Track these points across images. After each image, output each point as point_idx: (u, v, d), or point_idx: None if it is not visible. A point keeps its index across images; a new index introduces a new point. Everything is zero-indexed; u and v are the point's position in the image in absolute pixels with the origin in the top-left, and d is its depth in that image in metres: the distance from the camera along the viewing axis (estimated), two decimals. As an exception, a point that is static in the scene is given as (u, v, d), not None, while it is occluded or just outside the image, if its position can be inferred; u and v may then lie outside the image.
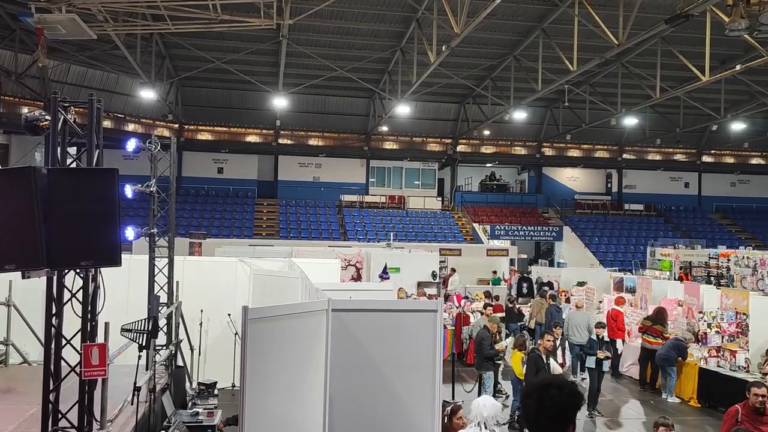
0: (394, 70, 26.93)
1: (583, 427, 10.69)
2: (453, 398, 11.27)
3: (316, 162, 35.25)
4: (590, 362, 11.43)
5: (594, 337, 11.82)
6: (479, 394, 10.00)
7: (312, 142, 34.70)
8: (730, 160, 38.54)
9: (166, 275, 9.33)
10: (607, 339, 12.03)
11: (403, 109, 28.66)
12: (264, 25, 17.94)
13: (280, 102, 29.44)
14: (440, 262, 22.83)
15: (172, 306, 9.31)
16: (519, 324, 16.72)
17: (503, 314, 16.16)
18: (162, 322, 8.62)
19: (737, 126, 31.81)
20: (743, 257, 22.28)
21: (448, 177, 37.82)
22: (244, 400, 4.40)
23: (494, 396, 10.77)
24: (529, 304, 18.87)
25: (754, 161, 38.55)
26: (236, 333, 10.25)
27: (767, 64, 20.49)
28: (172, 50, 26.48)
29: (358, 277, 18.35)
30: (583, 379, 12.60)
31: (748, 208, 38.76)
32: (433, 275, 19.14)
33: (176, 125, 32.41)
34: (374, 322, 5.39)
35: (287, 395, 4.87)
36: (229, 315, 10.84)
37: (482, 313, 14.82)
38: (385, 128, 33.98)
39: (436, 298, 13.08)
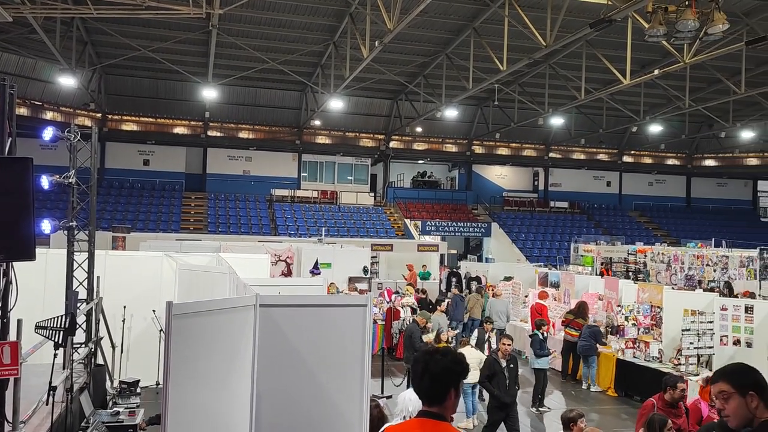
0: (327, 64, 26.79)
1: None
2: (382, 392, 11.37)
3: (247, 155, 34.68)
4: (542, 363, 11.66)
5: (540, 334, 12.02)
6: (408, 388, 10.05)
7: (242, 135, 34.08)
8: (648, 160, 40.41)
9: (86, 270, 8.96)
10: (544, 337, 12.24)
11: (336, 104, 28.59)
12: (193, 14, 17.46)
13: (209, 93, 28.77)
14: (372, 257, 22.93)
15: (92, 302, 8.95)
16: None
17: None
18: (81, 318, 8.27)
19: (655, 128, 33.41)
20: (658, 253, 23.41)
21: (381, 173, 38.00)
22: (167, 399, 4.27)
23: None
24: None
25: (669, 162, 40.57)
26: (161, 330, 9.97)
27: (683, 69, 21.60)
28: (95, 36, 25.40)
29: (288, 273, 18.19)
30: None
31: (664, 207, 40.78)
32: (365, 271, 19.20)
33: (99, 115, 31.14)
34: (303, 318, 5.35)
35: (213, 393, 4.77)
36: (153, 311, 10.53)
37: (413, 309, 14.99)
38: (317, 122, 33.78)
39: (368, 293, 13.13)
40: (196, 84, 28.86)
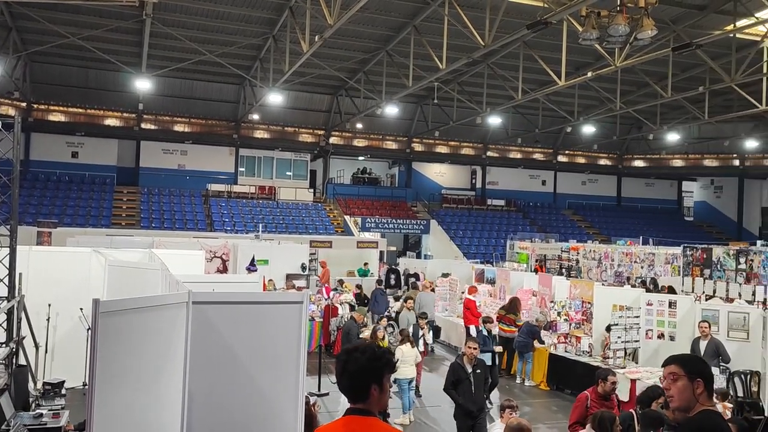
0: (266, 58, 26.40)
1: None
2: (319, 390, 11.31)
3: (182, 149, 33.78)
4: (485, 359, 11.72)
5: (484, 331, 12.19)
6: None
7: (178, 128, 33.18)
8: (581, 160, 41.66)
9: (7, 266, 8.52)
10: (489, 333, 12.42)
11: (275, 98, 28.21)
12: (126, 2, 16.86)
13: (143, 84, 27.87)
14: (311, 254, 22.77)
15: (13, 300, 8.52)
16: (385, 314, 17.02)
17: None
18: (1, 317, 7.86)
19: (588, 129, 34.50)
20: (590, 251, 24.19)
21: (321, 169, 37.76)
22: (92, 399, 4.10)
23: None
24: (399, 293, 19.30)
25: (601, 162, 41.95)
26: (89, 328, 9.59)
27: (614, 72, 22.35)
28: (20, 22, 24.19)
29: (224, 270, 17.84)
30: None
31: (596, 206, 42.15)
32: (303, 267, 19.03)
33: (24, 104, 29.69)
34: (238, 315, 5.24)
35: (142, 392, 4.61)
36: (81, 309, 10.10)
37: (351, 306, 14.95)
38: (256, 116, 33.27)
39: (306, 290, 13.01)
40: (129, 74, 27.89)
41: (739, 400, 9.83)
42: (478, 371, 8.58)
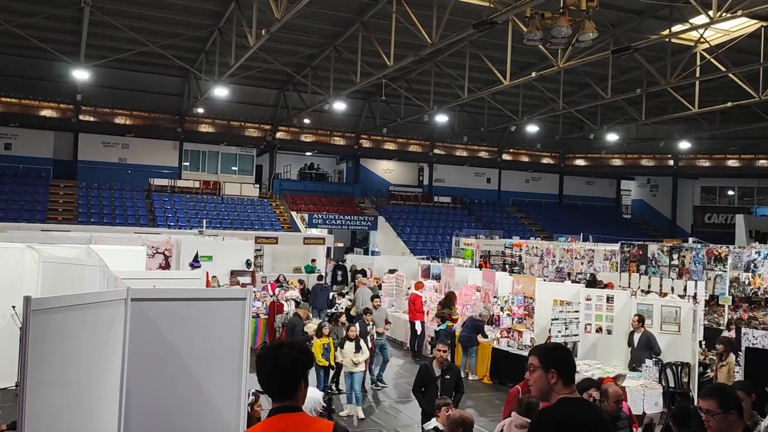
0: (212, 51, 25.89)
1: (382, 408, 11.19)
2: (264, 387, 11.20)
3: (123, 142, 32.79)
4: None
5: (445, 327, 12.39)
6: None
7: (119, 120, 32.22)
8: (525, 159, 42.52)
9: (-67, 263, 8.12)
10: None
11: (220, 92, 27.72)
12: (63, -12, 16.25)
13: (81, 75, 26.88)
14: (256, 250, 22.53)
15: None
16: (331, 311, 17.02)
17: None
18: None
19: (532, 128, 35.22)
20: (533, 247, 24.71)
21: (267, 164, 37.35)
22: (23, 400, 3.97)
23: (323, 387, 11.02)
24: (345, 290, 19.31)
25: (544, 161, 42.93)
26: (21, 327, 9.22)
27: (557, 73, 22.90)
28: (-51, 6, 23.03)
29: (166, 266, 17.47)
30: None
31: (539, 203, 43.11)
32: (248, 264, 18.81)
33: (-48, 93, 28.32)
34: (179, 312, 5.15)
35: (77, 393, 4.48)
36: (13, 307, 9.67)
37: (296, 302, 14.88)
38: (200, 110, 32.63)
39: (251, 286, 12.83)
40: (67, 64, 26.88)
41: (670, 390, 10.26)
42: (448, 377, 8.15)
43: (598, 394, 6.12)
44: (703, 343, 11.60)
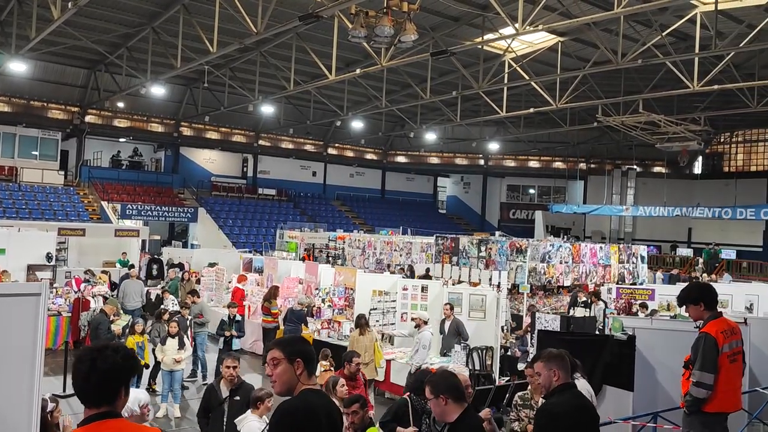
0: (8, 21, 23.11)
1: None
2: (65, 391, 10.31)
3: None
4: (219, 342, 11.81)
5: (226, 317, 12.14)
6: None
7: None
8: (350, 154, 43.40)
9: None
10: (239, 318, 12.42)
11: (18, 67, 24.95)
12: None
13: None
14: (60, 243, 20.64)
15: None
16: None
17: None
18: None
19: (357, 124, 36.05)
20: (355, 240, 25.34)
21: (74, 149, 34.22)
22: None
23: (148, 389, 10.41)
24: (159, 286, 18.32)
25: (368, 156, 44.17)
26: None
27: (381, 71, 23.62)
28: None
29: (-53, 260, 15.37)
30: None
31: (363, 197, 44.27)
32: (48, 257, 17.16)
33: None
34: (-45, 311, 4.54)
35: None
36: None
37: (104, 298, 13.84)
38: (-6, 86, 29.10)
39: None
40: None
41: (476, 372, 11.08)
42: (237, 398, 6.63)
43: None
44: (505, 328, 12.68)
